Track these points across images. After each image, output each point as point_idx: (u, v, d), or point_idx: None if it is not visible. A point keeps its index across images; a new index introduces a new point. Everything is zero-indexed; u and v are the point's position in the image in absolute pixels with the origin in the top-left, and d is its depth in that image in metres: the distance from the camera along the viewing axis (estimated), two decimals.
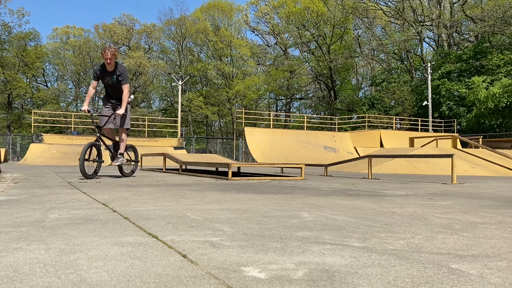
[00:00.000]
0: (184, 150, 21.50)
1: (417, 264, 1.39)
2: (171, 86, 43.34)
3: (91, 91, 6.30)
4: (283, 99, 46.68)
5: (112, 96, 6.31)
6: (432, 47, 41.20)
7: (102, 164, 6.36)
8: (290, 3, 40.50)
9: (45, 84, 45.26)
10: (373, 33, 40.54)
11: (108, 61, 5.90)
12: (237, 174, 8.06)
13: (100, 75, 6.14)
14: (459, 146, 17.51)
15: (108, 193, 3.90)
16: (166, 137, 29.22)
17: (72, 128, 23.55)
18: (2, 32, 39.66)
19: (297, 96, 46.57)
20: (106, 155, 6.60)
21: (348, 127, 30.30)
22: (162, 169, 9.78)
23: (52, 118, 33.54)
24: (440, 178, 8.05)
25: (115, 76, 6.06)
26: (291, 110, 47.47)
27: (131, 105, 7.15)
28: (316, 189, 4.70)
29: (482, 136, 18.45)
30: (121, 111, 6.01)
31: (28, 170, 10.12)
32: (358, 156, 17.97)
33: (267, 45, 46.91)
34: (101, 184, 5.11)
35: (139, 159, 7.61)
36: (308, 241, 1.73)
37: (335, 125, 26.70)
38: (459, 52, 33.27)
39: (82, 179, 5.86)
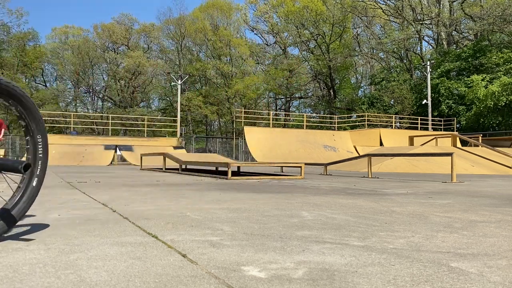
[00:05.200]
0: (184, 149, 21.49)
1: (417, 263, 1.39)
2: (170, 85, 43.29)
3: None
4: (282, 98, 46.64)
5: None
6: (431, 45, 41.19)
7: None
8: (289, 2, 40.46)
9: (44, 84, 45.20)
10: (372, 31, 40.52)
11: None
12: (236, 173, 8.06)
13: None
14: (458, 144, 17.52)
15: (108, 193, 3.89)
16: (165, 136, 29.20)
17: (72, 128, 23.53)
18: (1, 32, 39.60)
19: (297, 95, 46.51)
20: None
21: (348, 126, 30.29)
22: (162, 168, 9.78)
23: (52, 118, 33.51)
24: (440, 176, 8.05)
25: None
26: (290, 109, 47.44)
27: None
28: (316, 188, 4.70)
29: (481, 135, 18.43)
30: None
31: None
32: (357, 155, 17.98)
33: (266, 44, 46.84)
34: (100, 184, 5.11)
35: None
36: (308, 240, 1.73)
37: (335, 124, 26.70)
38: (458, 50, 33.25)
39: (82, 179, 5.86)
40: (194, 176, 7.17)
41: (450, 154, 6.63)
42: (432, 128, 27.96)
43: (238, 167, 9.38)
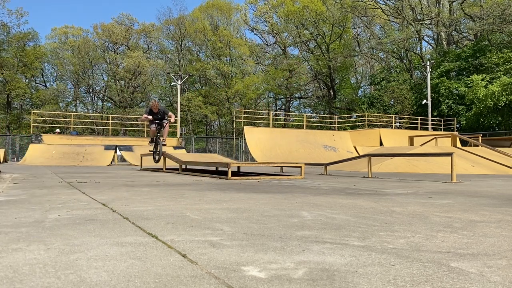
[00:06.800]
0: (184, 149, 21.48)
1: (417, 263, 1.39)
2: (170, 85, 43.27)
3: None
4: (282, 98, 46.63)
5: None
6: (431, 45, 41.19)
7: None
8: (289, 2, 40.45)
9: (44, 84, 45.17)
10: (372, 31, 40.51)
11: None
12: (236, 173, 8.05)
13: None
14: (458, 144, 17.51)
15: (108, 193, 3.89)
16: None
17: (72, 128, 23.52)
18: (1, 33, 39.58)
19: (297, 95, 46.52)
20: None
21: (348, 126, 30.29)
22: (161, 168, 9.78)
23: (51, 119, 33.49)
24: (440, 176, 8.05)
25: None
26: (290, 109, 47.43)
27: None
28: (316, 188, 4.70)
29: (481, 135, 18.41)
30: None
31: (28, 170, 10.11)
32: (357, 155, 17.97)
33: (266, 44, 46.81)
34: (100, 184, 5.11)
35: None
36: (308, 240, 1.73)
37: (335, 124, 26.70)
38: (458, 50, 33.26)
39: (82, 179, 5.85)
40: (194, 176, 7.17)
41: (450, 154, 6.63)
42: (432, 128, 27.95)
43: (238, 167, 9.38)
